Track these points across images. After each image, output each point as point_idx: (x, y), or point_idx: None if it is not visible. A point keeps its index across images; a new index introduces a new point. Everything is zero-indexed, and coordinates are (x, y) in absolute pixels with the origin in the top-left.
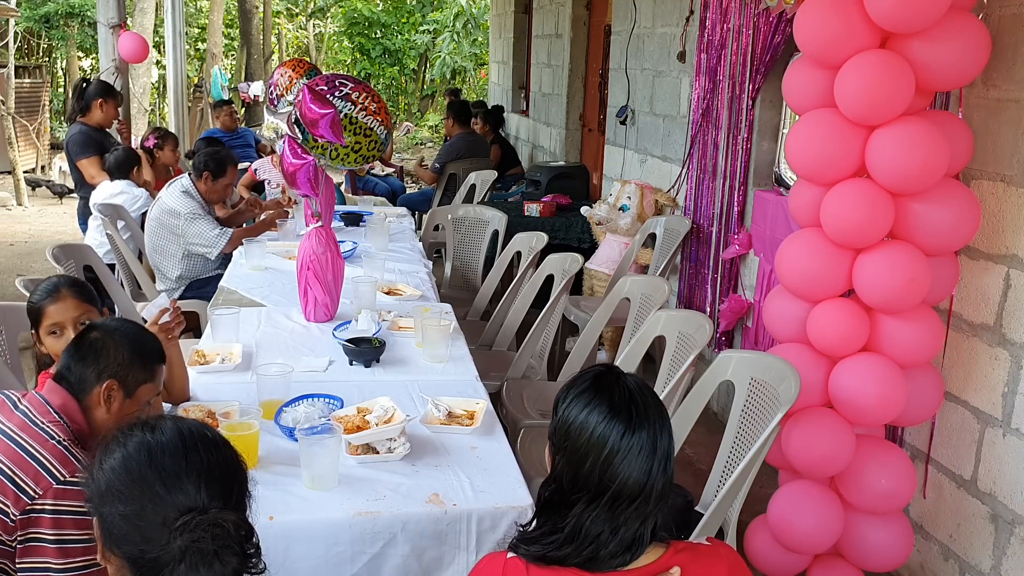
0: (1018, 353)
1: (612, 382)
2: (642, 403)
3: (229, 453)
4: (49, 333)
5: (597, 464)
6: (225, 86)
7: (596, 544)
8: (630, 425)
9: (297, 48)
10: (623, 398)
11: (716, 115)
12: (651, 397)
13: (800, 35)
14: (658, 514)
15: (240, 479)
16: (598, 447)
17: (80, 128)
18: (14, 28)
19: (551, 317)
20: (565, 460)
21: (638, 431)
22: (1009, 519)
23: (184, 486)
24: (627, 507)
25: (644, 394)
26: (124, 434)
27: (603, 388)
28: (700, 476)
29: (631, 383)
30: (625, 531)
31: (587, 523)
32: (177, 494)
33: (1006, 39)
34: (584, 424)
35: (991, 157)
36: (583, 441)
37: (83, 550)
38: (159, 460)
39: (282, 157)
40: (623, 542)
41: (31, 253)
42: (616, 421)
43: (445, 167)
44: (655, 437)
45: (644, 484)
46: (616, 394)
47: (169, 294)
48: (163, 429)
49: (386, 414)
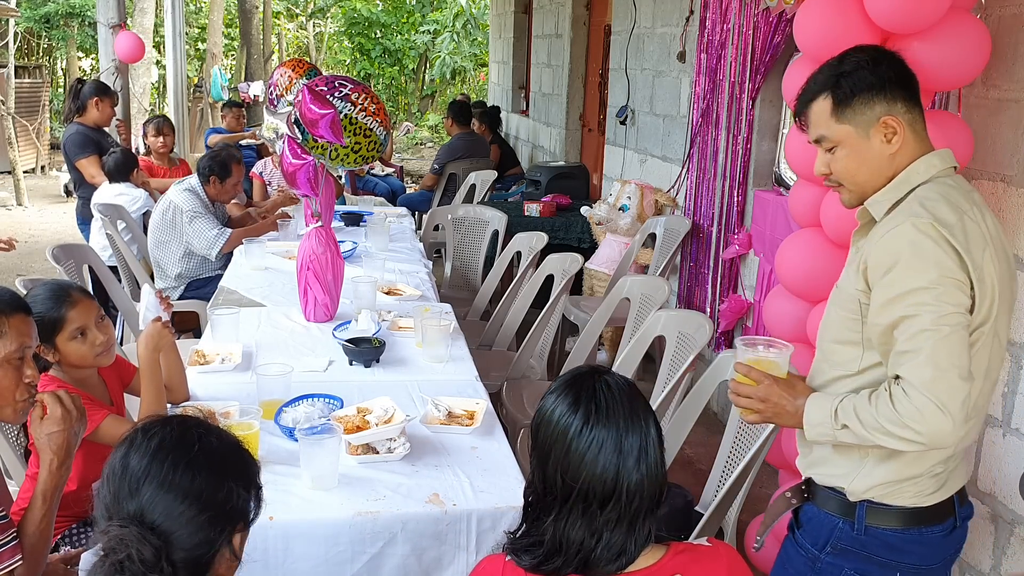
0: (1018, 353)
1: (586, 380)
2: (607, 400)
3: (215, 476)
4: (72, 338)
5: (559, 463)
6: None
7: (583, 551)
8: (587, 420)
9: (297, 48)
10: (588, 395)
11: (716, 115)
12: (625, 397)
13: (800, 35)
14: (647, 516)
15: (216, 506)
16: (558, 444)
17: (77, 128)
18: (14, 28)
19: (551, 317)
20: (535, 457)
21: (596, 427)
22: (1009, 519)
23: (139, 495)
24: (601, 511)
25: (615, 393)
26: (147, 428)
27: (573, 385)
28: (700, 476)
29: (606, 382)
30: (610, 536)
31: (566, 532)
32: (129, 502)
33: (1006, 39)
34: (549, 418)
35: (991, 157)
36: (546, 438)
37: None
38: (141, 462)
39: (282, 157)
40: (612, 547)
41: (31, 253)
42: (575, 416)
43: (445, 167)
44: (619, 435)
45: (611, 484)
46: (584, 391)
47: (168, 293)
48: (174, 433)
49: (386, 414)
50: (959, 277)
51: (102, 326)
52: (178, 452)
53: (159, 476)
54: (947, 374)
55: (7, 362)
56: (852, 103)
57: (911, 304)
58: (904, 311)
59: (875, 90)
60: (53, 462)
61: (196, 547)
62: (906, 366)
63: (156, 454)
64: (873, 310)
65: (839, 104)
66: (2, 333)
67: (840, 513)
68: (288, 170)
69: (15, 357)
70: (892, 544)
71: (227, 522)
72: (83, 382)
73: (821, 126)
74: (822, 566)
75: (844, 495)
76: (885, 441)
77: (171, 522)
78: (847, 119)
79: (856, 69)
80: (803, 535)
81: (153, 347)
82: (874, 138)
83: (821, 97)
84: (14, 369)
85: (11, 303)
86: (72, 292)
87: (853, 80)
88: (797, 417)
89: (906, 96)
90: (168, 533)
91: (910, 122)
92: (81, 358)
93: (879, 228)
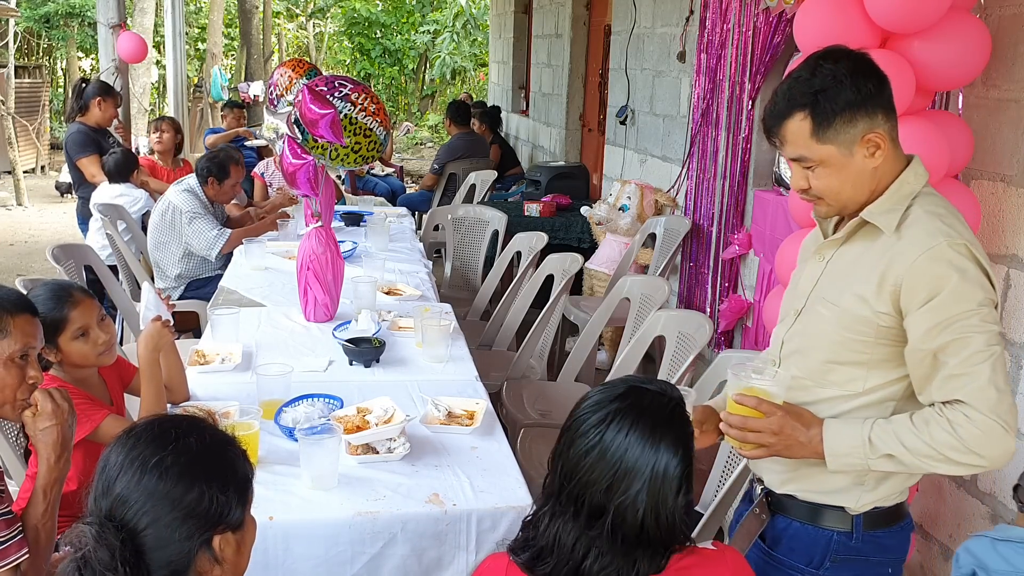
0: (1018, 353)
1: (626, 392)
2: (638, 412)
3: (185, 478)
4: (75, 338)
5: (563, 449)
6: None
7: (572, 559)
8: (604, 420)
9: (297, 48)
10: (628, 401)
11: (716, 115)
12: (663, 418)
13: (800, 35)
14: (648, 550)
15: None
16: (571, 430)
17: (78, 127)
18: (14, 28)
19: (551, 317)
20: (561, 464)
21: (608, 431)
22: (1009, 519)
23: (111, 493)
24: (587, 522)
25: (645, 414)
26: (135, 427)
27: (629, 395)
28: (700, 476)
29: (649, 397)
30: (602, 560)
31: (559, 532)
32: (102, 500)
33: (1006, 39)
34: (580, 404)
35: (991, 157)
36: (567, 420)
37: None
38: (117, 459)
39: (282, 157)
40: (605, 569)
41: (31, 253)
42: (596, 413)
43: (445, 167)
44: (630, 451)
45: (608, 495)
46: (631, 397)
47: (168, 293)
48: (153, 432)
49: (386, 414)
50: (993, 297)
51: (103, 325)
52: (149, 451)
53: (128, 475)
54: (1006, 395)
55: (10, 361)
56: (833, 123)
57: (961, 327)
58: (954, 335)
59: (856, 107)
60: (51, 457)
61: (166, 548)
62: (965, 390)
63: (130, 452)
64: (918, 336)
65: (819, 125)
66: (7, 332)
67: (835, 526)
68: (288, 170)
69: (18, 356)
70: (884, 544)
71: (200, 524)
72: (84, 382)
73: (800, 147)
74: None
75: (842, 509)
76: (941, 468)
77: (138, 521)
78: (829, 139)
79: (833, 84)
80: (786, 554)
81: (153, 347)
82: (857, 154)
83: (798, 117)
84: (17, 368)
85: (16, 303)
86: (74, 292)
87: (832, 98)
88: (811, 448)
89: (885, 107)
90: (135, 531)
91: (890, 133)
92: (83, 358)
93: (900, 246)
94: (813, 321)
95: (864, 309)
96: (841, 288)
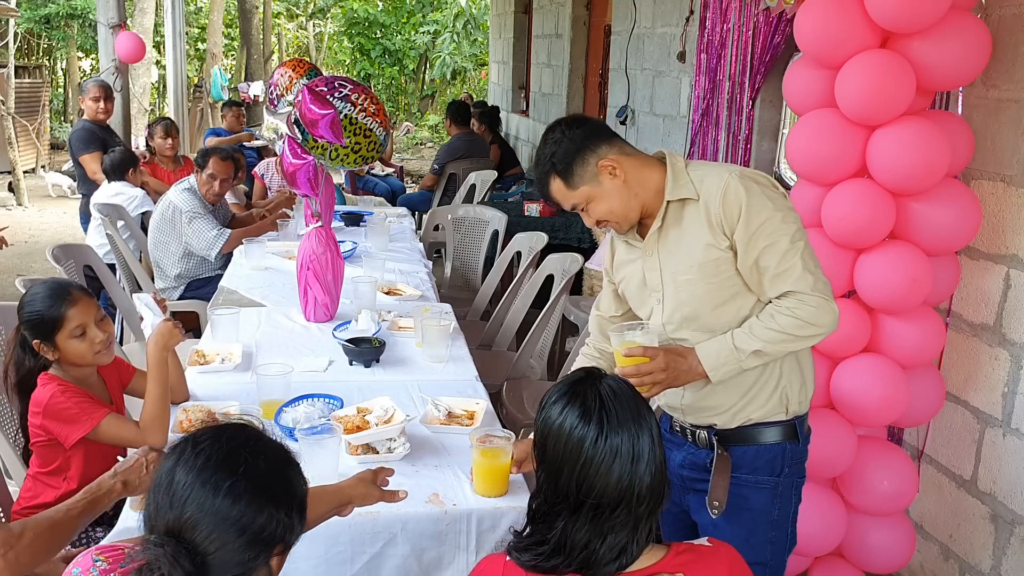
0: (1018, 353)
1: (588, 387)
2: (615, 407)
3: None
4: (73, 336)
5: (574, 474)
6: (225, 86)
7: (587, 552)
8: (601, 431)
9: (297, 48)
10: (596, 403)
11: (716, 115)
12: (629, 400)
13: (800, 35)
14: (651, 516)
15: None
16: (572, 457)
17: (84, 124)
18: (14, 28)
19: (551, 317)
20: (544, 471)
21: (611, 436)
22: (1009, 519)
23: (180, 512)
24: (610, 515)
25: (621, 398)
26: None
27: (577, 393)
28: None
29: (609, 387)
30: (614, 538)
31: (572, 534)
32: (169, 518)
33: (1006, 39)
34: (558, 433)
35: (991, 157)
36: (558, 451)
37: None
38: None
39: (282, 157)
40: (614, 548)
41: (31, 253)
42: (588, 427)
43: (445, 167)
44: (632, 440)
45: (625, 490)
46: (590, 399)
47: (168, 293)
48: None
49: (386, 414)
50: (784, 200)
51: (102, 325)
52: (222, 474)
53: (200, 497)
54: (819, 275)
55: (72, 337)
56: (573, 171)
57: (767, 235)
58: (765, 242)
59: (579, 151)
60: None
61: (231, 569)
62: (789, 282)
63: (200, 473)
64: (740, 252)
65: (566, 178)
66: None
67: (785, 438)
68: (288, 170)
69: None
70: (807, 448)
71: (265, 546)
72: (82, 381)
73: (568, 198)
74: (782, 488)
75: (781, 422)
76: (796, 345)
77: (208, 544)
78: (578, 183)
79: (557, 147)
80: (751, 472)
81: (163, 346)
82: (605, 181)
83: (551, 180)
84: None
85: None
86: (72, 291)
87: (561, 156)
88: (696, 371)
89: (602, 139)
90: (205, 554)
91: (621, 151)
92: (80, 356)
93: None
94: (682, 290)
95: (713, 252)
96: (684, 254)
